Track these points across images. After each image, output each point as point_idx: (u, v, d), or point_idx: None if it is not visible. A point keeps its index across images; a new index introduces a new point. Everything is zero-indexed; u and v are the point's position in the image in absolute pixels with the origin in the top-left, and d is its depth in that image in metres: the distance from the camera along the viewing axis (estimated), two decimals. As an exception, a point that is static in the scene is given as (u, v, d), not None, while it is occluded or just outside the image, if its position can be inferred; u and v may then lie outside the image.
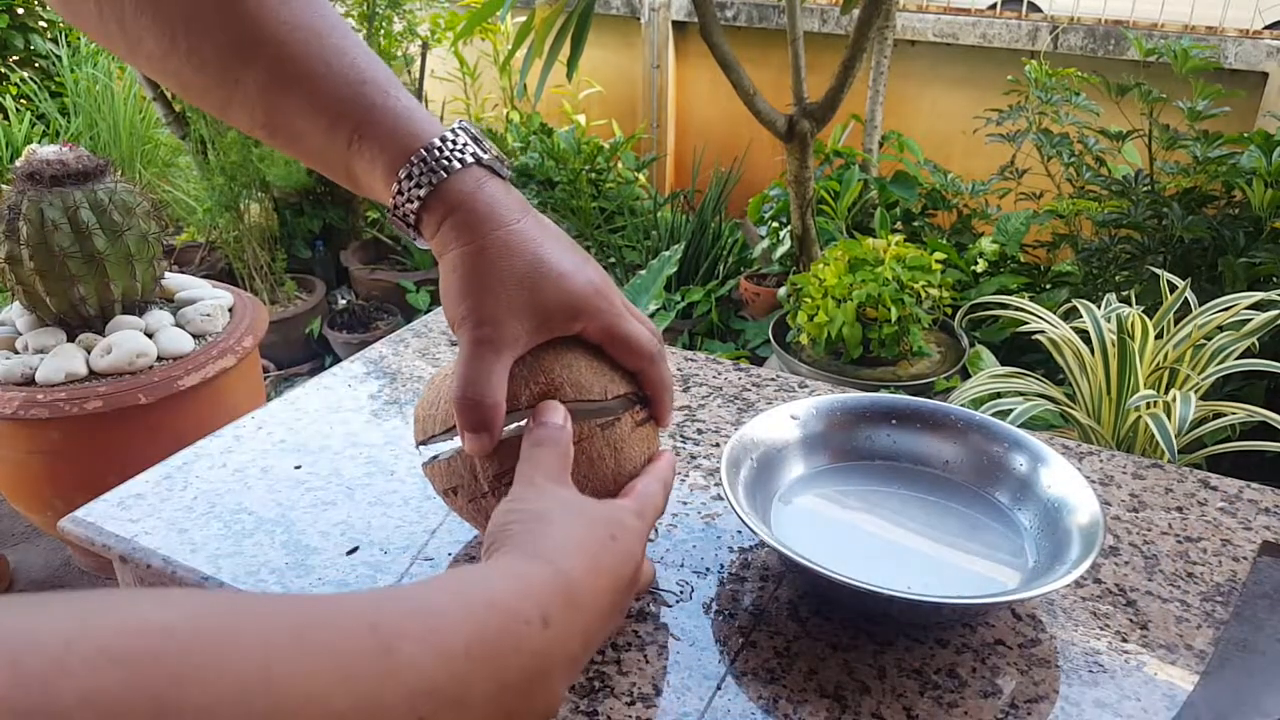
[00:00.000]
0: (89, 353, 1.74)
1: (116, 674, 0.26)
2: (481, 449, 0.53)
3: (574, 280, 0.53)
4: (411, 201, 0.51)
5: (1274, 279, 1.91)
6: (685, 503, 0.72)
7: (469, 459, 0.55)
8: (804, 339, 2.26)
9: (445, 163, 0.51)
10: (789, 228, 2.66)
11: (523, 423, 0.54)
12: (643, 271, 2.52)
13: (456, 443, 0.55)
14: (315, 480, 0.75)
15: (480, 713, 0.35)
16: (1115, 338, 1.59)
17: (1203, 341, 1.64)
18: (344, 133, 0.52)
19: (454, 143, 0.52)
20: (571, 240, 0.55)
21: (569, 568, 0.42)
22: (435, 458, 0.59)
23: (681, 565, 0.65)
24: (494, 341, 0.52)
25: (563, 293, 0.53)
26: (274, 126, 0.53)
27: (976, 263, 2.57)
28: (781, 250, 2.76)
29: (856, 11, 2.24)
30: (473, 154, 0.52)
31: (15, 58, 3.84)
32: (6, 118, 3.53)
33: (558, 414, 0.53)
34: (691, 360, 0.95)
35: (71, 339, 1.77)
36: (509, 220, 0.52)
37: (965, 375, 2.14)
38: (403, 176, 0.51)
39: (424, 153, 0.51)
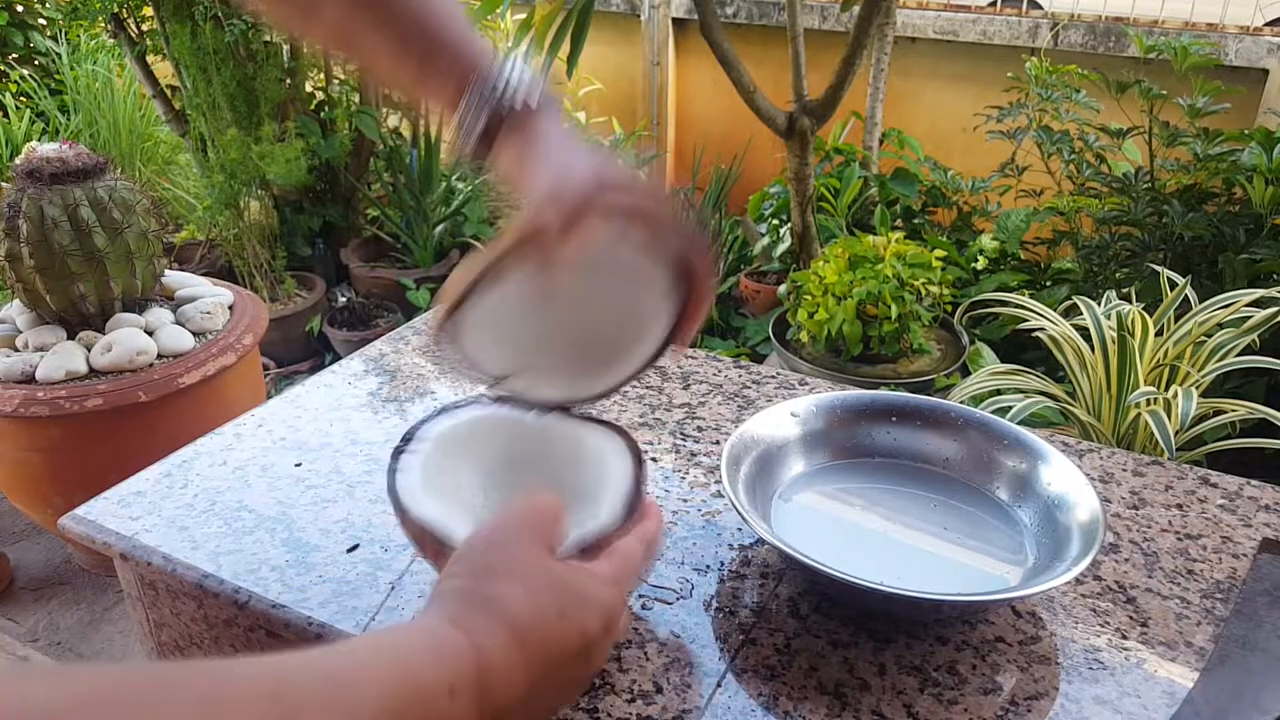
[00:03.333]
0: (89, 350, 1.74)
1: None
2: None
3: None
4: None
5: (1274, 276, 1.91)
6: (686, 500, 0.72)
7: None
8: (804, 336, 2.26)
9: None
10: (789, 225, 2.66)
11: None
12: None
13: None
14: (315, 478, 0.75)
15: None
16: (1115, 335, 1.59)
17: (1203, 339, 1.64)
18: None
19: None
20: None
21: (488, 645, 0.41)
22: (410, 514, 0.55)
23: (682, 563, 0.65)
24: None
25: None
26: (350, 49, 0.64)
27: (977, 260, 2.57)
28: (782, 248, 2.75)
29: (857, 9, 2.23)
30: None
31: (15, 55, 3.84)
32: (6, 115, 3.53)
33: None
34: (692, 358, 0.95)
35: (71, 337, 1.77)
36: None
37: (965, 372, 2.14)
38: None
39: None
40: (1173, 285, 1.74)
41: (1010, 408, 1.57)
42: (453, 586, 0.44)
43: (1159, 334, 1.66)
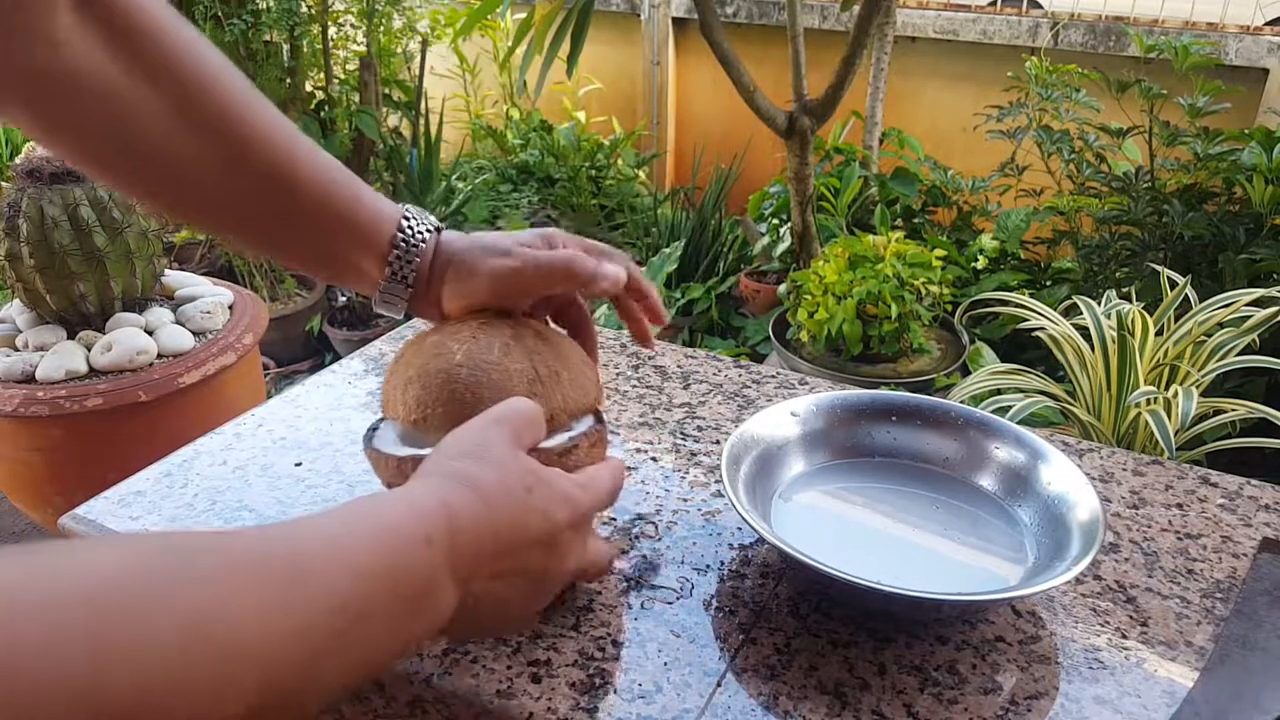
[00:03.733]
0: (89, 350, 1.74)
1: (37, 627, 0.29)
2: None
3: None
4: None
5: (1274, 276, 1.91)
6: (686, 500, 0.72)
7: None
8: (804, 336, 2.26)
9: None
10: (789, 225, 2.66)
11: None
12: (643, 268, 2.52)
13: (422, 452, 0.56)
14: (315, 478, 0.75)
15: (380, 625, 0.40)
16: (1115, 334, 1.59)
17: (1203, 338, 1.64)
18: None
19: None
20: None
21: (456, 504, 0.44)
22: (386, 454, 0.58)
23: (682, 562, 0.65)
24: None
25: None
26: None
27: (977, 259, 2.57)
28: (782, 247, 2.75)
29: (856, 8, 2.23)
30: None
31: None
32: (6, 115, 3.53)
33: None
34: (691, 357, 0.95)
35: (72, 336, 1.77)
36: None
37: (965, 372, 2.14)
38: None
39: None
40: (1173, 285, 1.74)
41: (1010, 407, 1.58)
42: (428, 467, 0.48)
43: (1159, 333, 1.66)
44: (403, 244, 0.61)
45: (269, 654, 0.34)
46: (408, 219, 0.62)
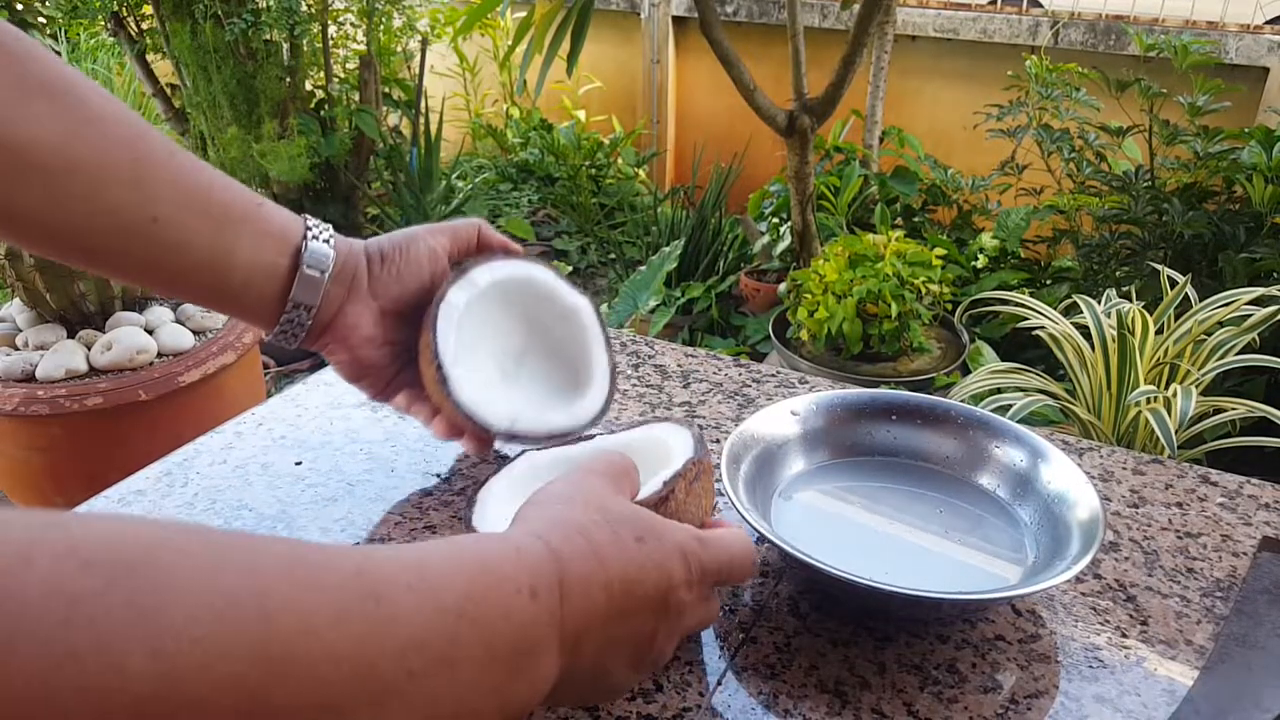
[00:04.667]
0: (89, 349, 1.74)
1: (86, 577, 0.25)
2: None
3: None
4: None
5: (1274, 274, 1.91)
6: (685, 499, 0.72)
7: None
8: (804, 335, 2.26)
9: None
10: (789, 223, 2.66)
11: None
12: (643, 267, 2.53)
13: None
14: (316, 476, 0.75)
15: (468, 678, 0.34)
16: (1115, 333, 1.59)
17: (1203, 337, 1.64)
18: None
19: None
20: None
21: (568, 554, 0.40)
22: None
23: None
24: None
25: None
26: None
27: (977, 258, 2.57)
28: (782, 246, 2.75)
29: (857, 7, 2.23)
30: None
31: (14, 54, 3.83)
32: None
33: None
34: (691, 356, 0.95)
35: (72, 335, 1.77)
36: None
37: (965, 371, 2.14)
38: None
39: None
40: (1173, 283, 1.74)
41: (1010, 406, 1.58)
42: (528, 513, 0.44)
43: (1159, 332, 1.66)
44: (314, 238, 0.60)
45: (315, 674, 0.29)
46: (309, 219, 0.62)
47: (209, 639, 0.27)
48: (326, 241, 0.61)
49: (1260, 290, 1.63)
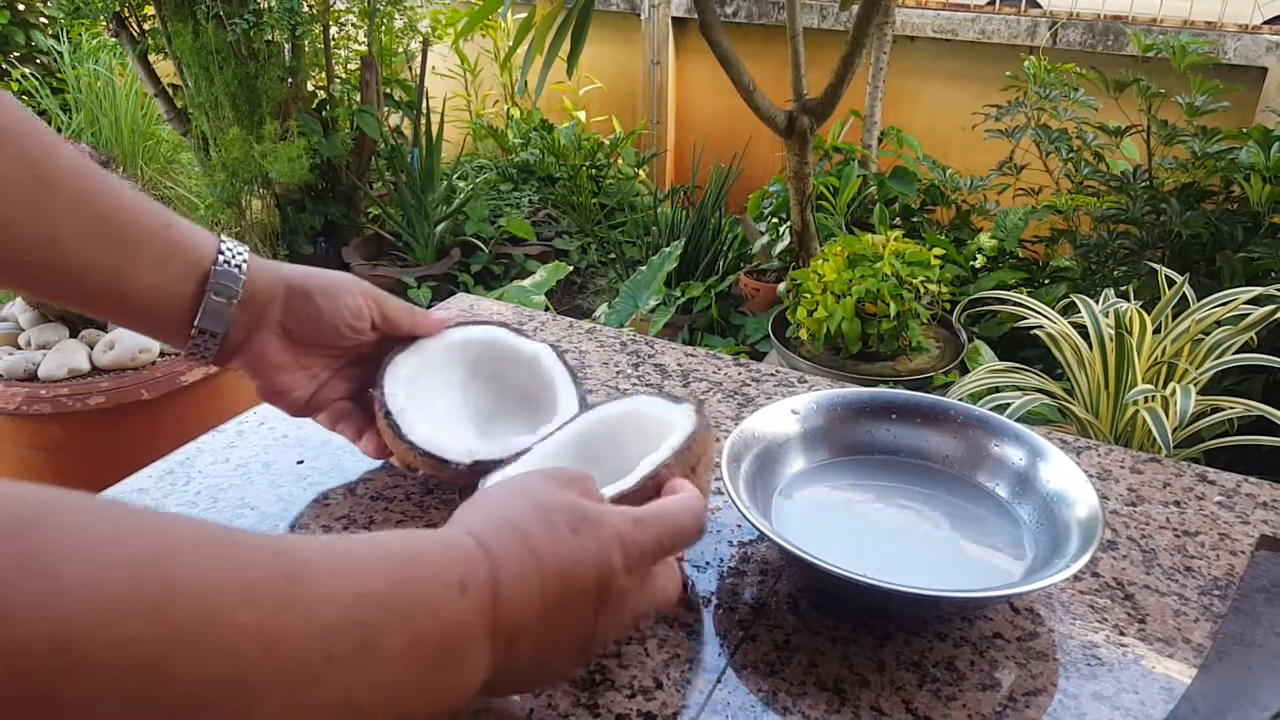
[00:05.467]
0: (92, 348, 1.74)
1: None
2: None
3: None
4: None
5: (1272, 274, 1.92)
6: (686, 497, 0.73)
7: None
8: (803, 334, 2.27)
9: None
10: (788, 223, 2.66)
11: None
12: (643, 267, 2.53)
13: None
14: (317, 475, 0.75)
15: (390, 669, 0.33)
16: (1113, 333, 1.60)
17: (1200, 336, 1.64)
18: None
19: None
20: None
21: (500, 552, 0.39)
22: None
23: (682, 559, 0.66)
24: None
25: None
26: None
27: (975, 258, 2.58)
28: (781, 246, 2.76)
29: (856, 8, 2.24)
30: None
31: (16, 54, 3.84)
32: (6, 114, 3.53)
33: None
34: (691, 355, 0.95)
35: (74, 334, 1.78)
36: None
37: (964, 370, 2.15)
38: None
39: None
40: (1171, 283, 1.74)
41: (1009, 405, 1.58)
42: (464, 512, 0.44)
43: (1157, 332, 1.66)
44: (225, 263, 0.59)
45: (222, 646, 0.28)
46: (224, 241, 0.60)
47: (102, 601, 0.25)
48: (238, 267, 0.59)
49: (1258, 290, 1.64)
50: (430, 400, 0.68)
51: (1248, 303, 1.62)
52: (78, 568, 0.25)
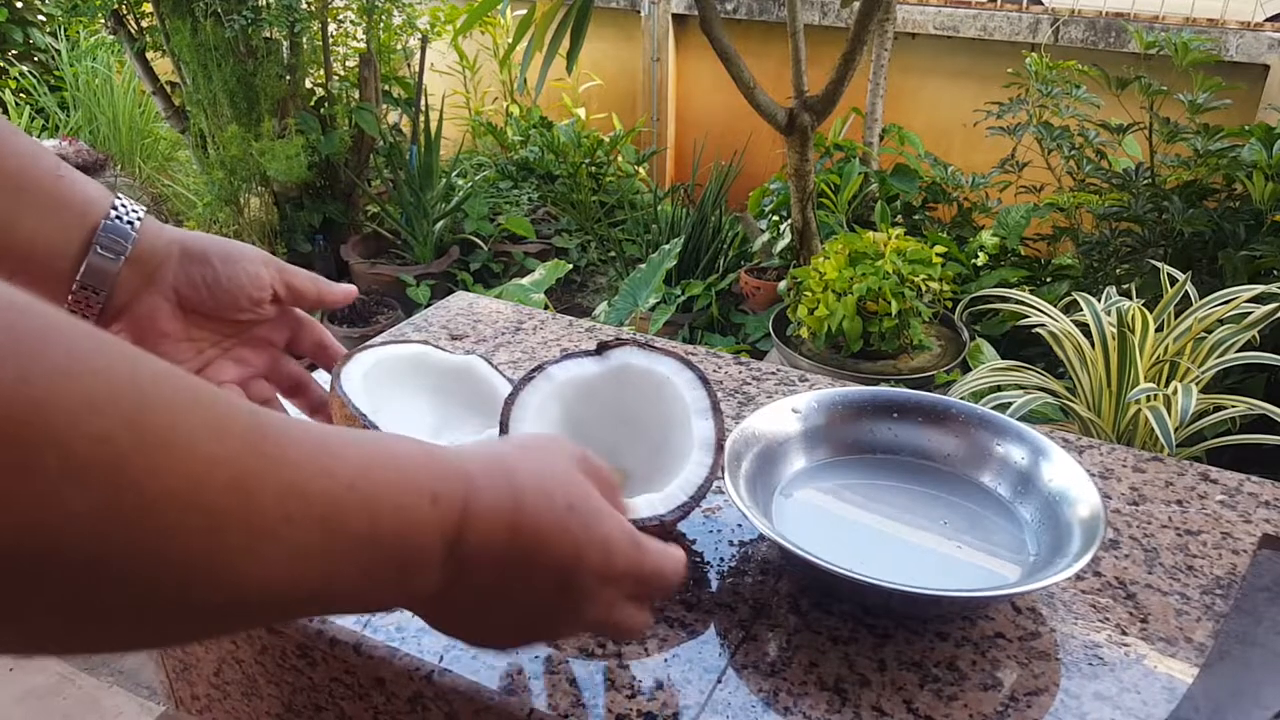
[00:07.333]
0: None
1: None
2: None
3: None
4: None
5: (1275, 272, 1.91)
6: (686, 496, 0.72)
7: None
8: (804, 332, 2.26)
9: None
10: (789, 221, 2.66)
11: None
12: (643, 265, 2.52)
13: None
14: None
15: (343, 549, 0.32)
16: (1115, 331, 1.59)
17: (1203, 335, 1.64)
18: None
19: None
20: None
21: (482, 482, 0.38)
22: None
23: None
24: None
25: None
26: None
27: (977, 256, 2.57)
28: (782, 244, 2.75)
29: (857, 4, 2.23)
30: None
31: (14, 52, 3.83)
32: (6, 112, 3.53)
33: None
34: (692, 354, 0.95)
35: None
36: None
37: (965, 368, 2.14)
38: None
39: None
40: (1173, 281, 1.74)
41: (1010, 404, 1.58)
42: (468, 444, 0.42)
43: (1159, 330, 1.66)
44: (116, 219, 0.56)
45: (189, 468, 0.28)
46: (120, 197, 0.58)
47: (81, 386, 0.25)
48: (130, 223, 0.56)
49: (1260, 288, 1.63)
50: (382, 407, 0.66)
51: (1250, 301, 1.62)
52: (59, 350, 0.25)
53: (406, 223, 3.22)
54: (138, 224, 0.57)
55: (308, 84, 3.12)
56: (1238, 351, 1.59)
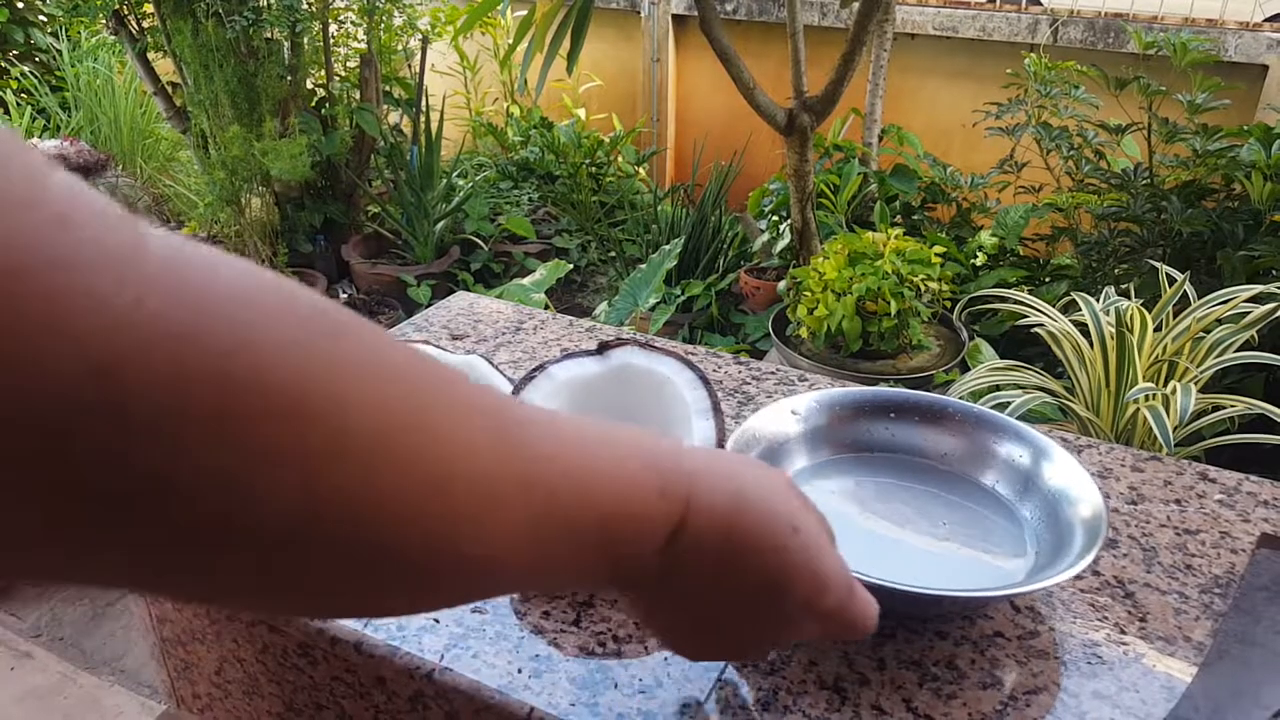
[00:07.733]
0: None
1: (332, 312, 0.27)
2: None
3: None
4: None
5: (1273, 272, 1.92)
6: (686, 496, 0.72)
7: None
8: (804, 332, 2.27)
9: None
10: (789, 221, 2.66)
11: None
12: (643, 265, 2.53)
13: None
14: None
15: (564, 511, 0.33)
16: (1114, 331, 1.60)
17: (1201, 334, 1.64)
18: None
19: None
20: None
21: (700, 473, 0.38)
22: None
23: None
24: None
25: None
26: None
27: (976, 256, 2.57)
28: (781, 244, 2.76)
29: (856, 5, 2.23)
30: None
31: (15, 52, 3.83)
32: (7, 112, 3.53)
33: None
34: (692, 354, 0.95)
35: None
36: None
37: (964, 368, 2.14)
38: None
39: None
40: (1171, 281, 1.74)
41: (1009, 403, 1.58)
42: (700, 450, 0.41)
43: (1158, 330, 1.66)
44: None
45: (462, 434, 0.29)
46: None
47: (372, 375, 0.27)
48: None
49: (1259, 288, 1.64)
50: None
51: (1248, 301, 1.62)
52: (397, 355, 0.29)
53: (407, 223, 3.23)
54: None
55: (309, 85, 3.12)
56: (1236, 351, 1.59)
